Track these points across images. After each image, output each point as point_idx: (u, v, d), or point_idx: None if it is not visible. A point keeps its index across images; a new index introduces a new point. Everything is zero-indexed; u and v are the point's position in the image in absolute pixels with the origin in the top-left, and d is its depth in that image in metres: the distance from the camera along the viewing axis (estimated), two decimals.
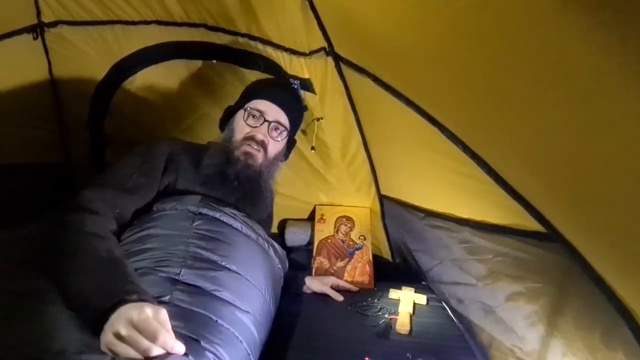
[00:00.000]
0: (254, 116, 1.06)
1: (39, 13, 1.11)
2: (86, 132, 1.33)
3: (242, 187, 1.02)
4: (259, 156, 1.04)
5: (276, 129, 1.08)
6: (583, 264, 0.64)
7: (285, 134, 1.10)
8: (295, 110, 1.14)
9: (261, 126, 1.05)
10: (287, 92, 1.12)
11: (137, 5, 1.11)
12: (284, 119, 1.08)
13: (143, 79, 1.26)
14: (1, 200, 1.10)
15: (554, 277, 0.74)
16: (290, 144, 1.17)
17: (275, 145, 1.08)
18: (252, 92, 1.11)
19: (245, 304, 0.82)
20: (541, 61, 0.48)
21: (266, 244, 1.04)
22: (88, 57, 1.20)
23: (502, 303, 0.89)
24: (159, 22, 1.15)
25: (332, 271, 1.34)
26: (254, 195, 1.04)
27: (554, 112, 0.52)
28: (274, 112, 1.07)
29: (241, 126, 1.06)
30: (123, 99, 1.28)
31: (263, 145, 1.05)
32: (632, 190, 0.47)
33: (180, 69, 1.25)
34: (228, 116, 1.13)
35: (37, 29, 1.13)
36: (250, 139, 1.04)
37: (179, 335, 0.66)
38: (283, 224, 1.51)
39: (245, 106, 1.07)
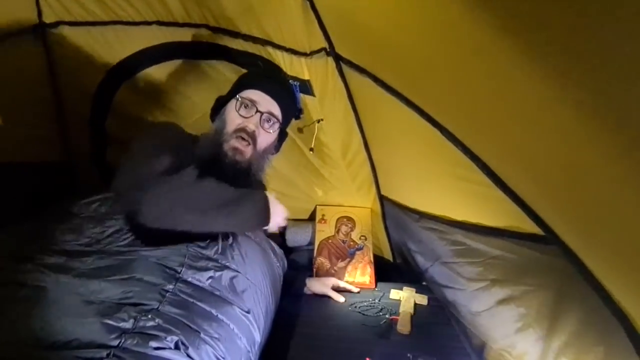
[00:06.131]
0: (246, 106, 1.04)
1: (40, 13, 1.11)
2: (87, 132, 1.33)
3: (232, 182, 0.99)
4: (248, 150, 1.02)
5: (268, 120, 1.05)
6: (580, 267, 0.64)
7: (277, 125, 1.07)
8: (288, 102, 1.11)
9: (253, 116, 1.03)
10: (279, 84, 1.11)
11: (138, 6, 1.11)
12: (276, 110, 1.06)
13: (144, 79, 1.26)
14: (1, 199, 1.10)
15: (549, 280, 0.74)
16: (282, 136, 1.15)
17: (266, 137, 1.06)
18: (245, 82, 1.09)
19: (245, 303, 0.82)
20: (542, 63, 0.48)
21: (263, 242, 1.04)
22: (89, 58, 1.20)
23: (492, 306, 0.89)
24: (160, 23, 1.15)
25: (333, 271, 1.34)
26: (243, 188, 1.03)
27: (552, 115, 0.52)
28: (266, 102, 1.05)
29: (233, 116, 1.04)
30: (124, 98, 1.28)
31: (253, 136, 1.03)
32: (629, 193, 0.47)
33: (181, 68, 1.25)
34: (220, 106, 1.10)
35: (39, 30, 1.13)
36: (241, 130, 1.02)
37: (181, 326, 0.68)
38: None
39: (238, 96, 1.05)
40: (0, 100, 1.08)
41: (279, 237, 1.50)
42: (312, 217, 1.49)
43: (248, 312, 0.81)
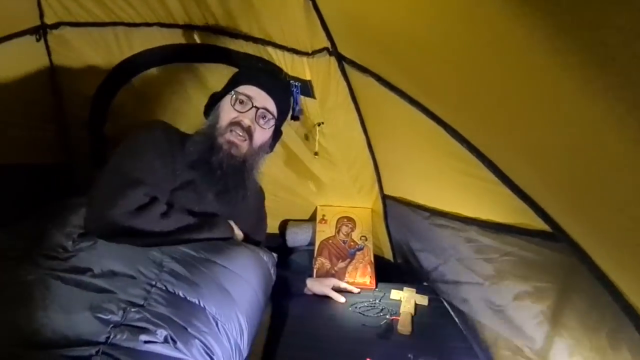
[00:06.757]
0: (241, 101, 1.02)
1: (41, 15, 1.11)
2: (87, 133, 1.33)
3: (224, 177, 0.99)
4: (244, 145, 1.01)
5: (264, 116, 1.04)
6: (589, 264, 0.64)
7: (272, 122, 1.06)
8: (283, 99, 1.10)
9: (248, 112, 1.01)
10: (276, 80, 1.09)
11: (138, 7, 1.11)
12: (272, 106, 1.05)
13: (144, 81, 1.26)
14: (2, 200, 1.10)
15: (559, 277, 0.74)
16: (276, 135, 1.13)
17: (262, 134, 1.05)
18: (241, 77, 1.07)
19: (234, 296, 0.81)
20: (545, 62, 0.48)
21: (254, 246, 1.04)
22: (90, 59, 1.20)
23: (510, 302, 0.89)
24: (161, 24, 1.16)
25: (333, 272, 1.33)
26: (236, 187, 1.02)
27: (562, 112, 0.52)
28: (262, 98, 1.03)
29: (227, 111, 1.02)
30: (124, 100, 1.28)
31: (249, 131, 1.01)
32: (637, 190, 0.47)
33: (181, 71, 1.25)
34: (214, 102, 1.08)
35: (40, 31, 1.13)
36: (236, 124, 1.00)
37: (168, 321, 0.67)
38: (284, 224, 1.51)
39: (233, 91, 1.03)
40: (1, 101, 1.08)
41: (280, 237, 1.50)
42: (312, 218, 1.49)
43: (237, 305, 0.80)
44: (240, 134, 1.00)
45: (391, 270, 1.43)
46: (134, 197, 0.85)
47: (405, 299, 1.18)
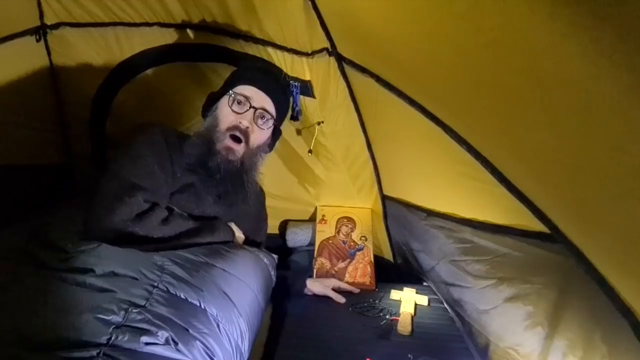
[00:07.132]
0: (239, 102, 1.01)
1: (41, 15, 1.11)
2: (87, 134, 1.33)
3: (224, 180, 0.99)
4: (240, 148, 1.00)
5: (262, 116, 1.02)
6: (586, 265, 0.64)
7: (271, 122, 1.04)
8: (282, 99, 1.08)
9: (246, 112, 1.00)
10: (274, 80, 1.08)
11: (138, 7, 1.11)
12: (270, 106, 1.03)
13: (145, 81, 1.26)
14: (2, 200, 1.10)
15: (555, 278, 0.74)
16: (276, 134, 1.12)
17: (260, 134, 1.03)
18: (238, 77, 1.06)
19: (234, 298, 0.81)
20: (545, 64, 0.48)
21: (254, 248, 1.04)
22: (90, 59, 1.20)
23: (500, 304, 0.89)
24: (161, 24, 1.16)
25: (333, 272, 1.34)
26: (236, 189, 1.01)
27: (558, 113, 0.52)
28: (260, 98, 1.02)
29: (226, 112, 1.01)
30: (124, 100, 1.28)
31: (246, 133, 1.00)
32: (635, 191, 0.47)
33: (181, 70, 1.25)
34: (212, 102, 1.07)
35: (40, 31, 1.13)
36: (234, 128, 0.99)
37: (169, 323, 0.68)
38: (284, 225, 1.51)
39: (231, 91, 1.01)
40: (1, 102, 1.08)
41: (280, 237, 1.50)
42: (312, 218, 1.49)
43: (237, 307, 0.80)
44: (238, 137, 1.00)
45: (391, 270, 1.43)
46: (133, 204, 0.84)
47: (405, 299, 1.18)
